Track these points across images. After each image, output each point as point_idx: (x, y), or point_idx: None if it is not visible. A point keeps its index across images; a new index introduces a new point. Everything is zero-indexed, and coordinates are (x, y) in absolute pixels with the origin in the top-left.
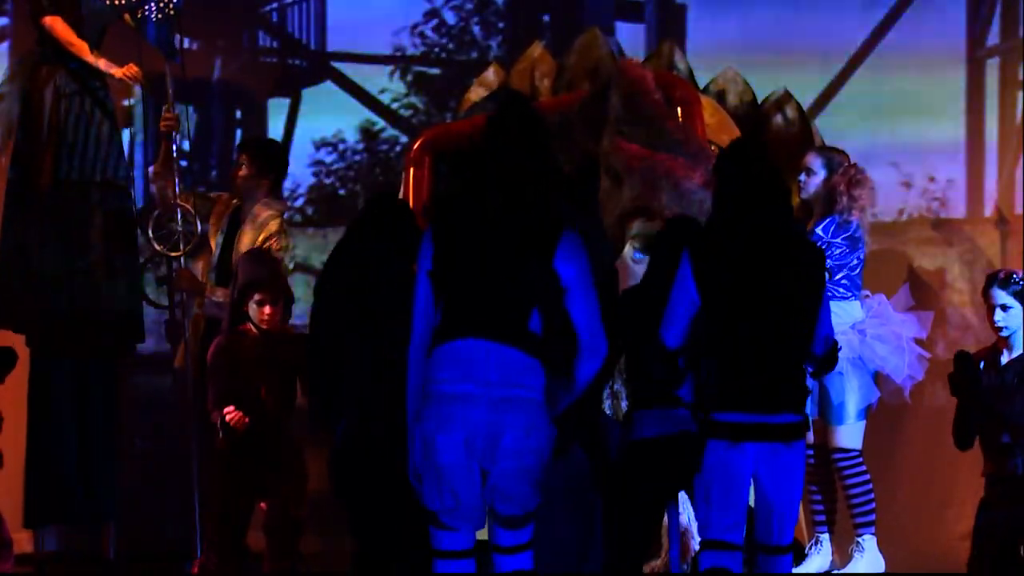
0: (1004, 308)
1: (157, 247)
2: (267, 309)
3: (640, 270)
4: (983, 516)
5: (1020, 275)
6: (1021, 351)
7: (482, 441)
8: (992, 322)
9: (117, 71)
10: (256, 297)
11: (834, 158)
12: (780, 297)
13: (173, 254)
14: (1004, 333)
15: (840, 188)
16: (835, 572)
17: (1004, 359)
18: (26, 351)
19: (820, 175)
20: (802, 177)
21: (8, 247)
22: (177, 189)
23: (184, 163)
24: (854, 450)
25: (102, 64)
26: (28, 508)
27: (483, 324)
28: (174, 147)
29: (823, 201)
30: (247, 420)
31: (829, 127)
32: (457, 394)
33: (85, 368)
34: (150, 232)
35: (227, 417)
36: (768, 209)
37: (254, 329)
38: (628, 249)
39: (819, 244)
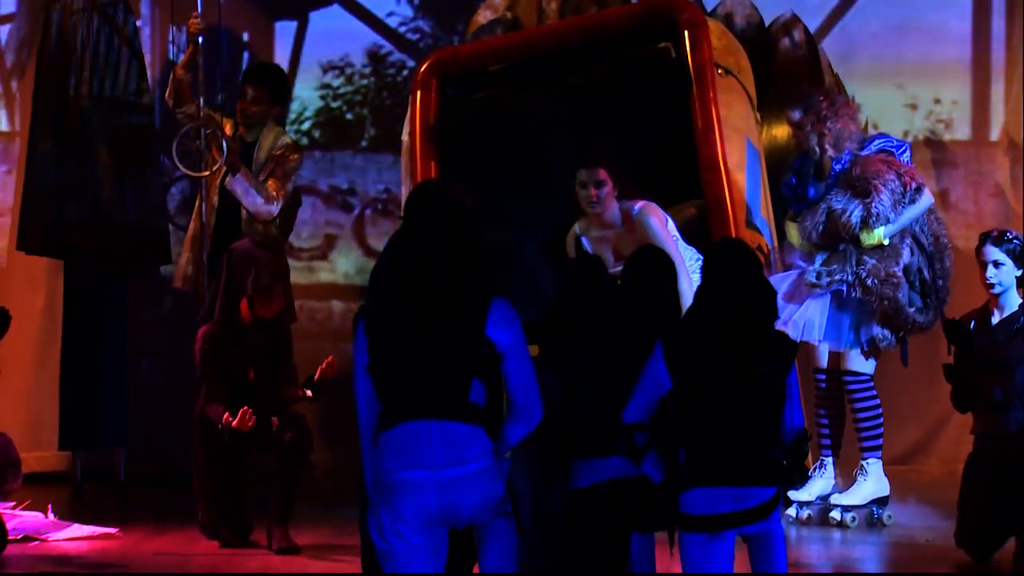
0: (996, 265)
1: (180, 166)
2: (261, 306)
3: None
4: (972, 473)
5: (1014, 233)
6: (1012, 310)
7: (439, 521)
8: (984, 279)
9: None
10: (250, 294)
11: (810, 100)
12: (750, 386)
13: (196, 174)
14: (995, 290)
15: (808, 128)
16: (835, 495)
17: (995, 319)
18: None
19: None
20: (794, 133)
21: (31, 168)
22: (201, 104)
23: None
24: (865, 374)
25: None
26: (63, 431)
27: (422, 403)
28: (199, 51)
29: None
30: (251, 423)
31: (836, 50)
32: (405, 482)
33: (107, 292)
34: (174, 151)
35: (232, 423)
36: (748, 314)
37: (246, 318)
38: None
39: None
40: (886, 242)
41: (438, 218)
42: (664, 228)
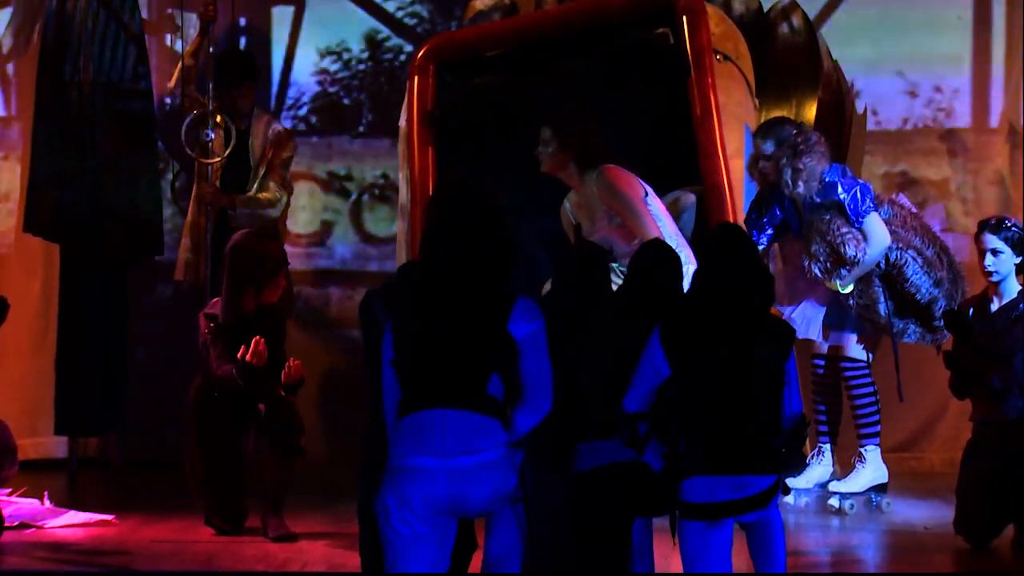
0: (995, 253)
1: (190, 152)
2: (263, 295)
3: None
4: (972, 460)
5: (1012, 221)
6: (1011, 297)
7: (447, 511)
8: (983, 267)
9: None
10: (252, 287)
11: (782, 132)
12: (748, 374)
13: (205, 160)
14: (994, 278)
15: (783, 161)
16: (833, 482)
17: (994, 306)
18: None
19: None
20: (761, 164)
21: (36, 151)
22: (211, 90)
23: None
24: (862, 360)
25: None
26: (59, 416)
27: (439, 393)
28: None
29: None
30: (265, 355)
31: (835, 36)
32: (414, 468)
33: (103, 278)
34: (183, 137)
35: (247, 356)
36: (746, 299)
37: (251, 307)
38: None
39: None
40: (848, 290)
41: (474, 217)
42: (628, 187)
